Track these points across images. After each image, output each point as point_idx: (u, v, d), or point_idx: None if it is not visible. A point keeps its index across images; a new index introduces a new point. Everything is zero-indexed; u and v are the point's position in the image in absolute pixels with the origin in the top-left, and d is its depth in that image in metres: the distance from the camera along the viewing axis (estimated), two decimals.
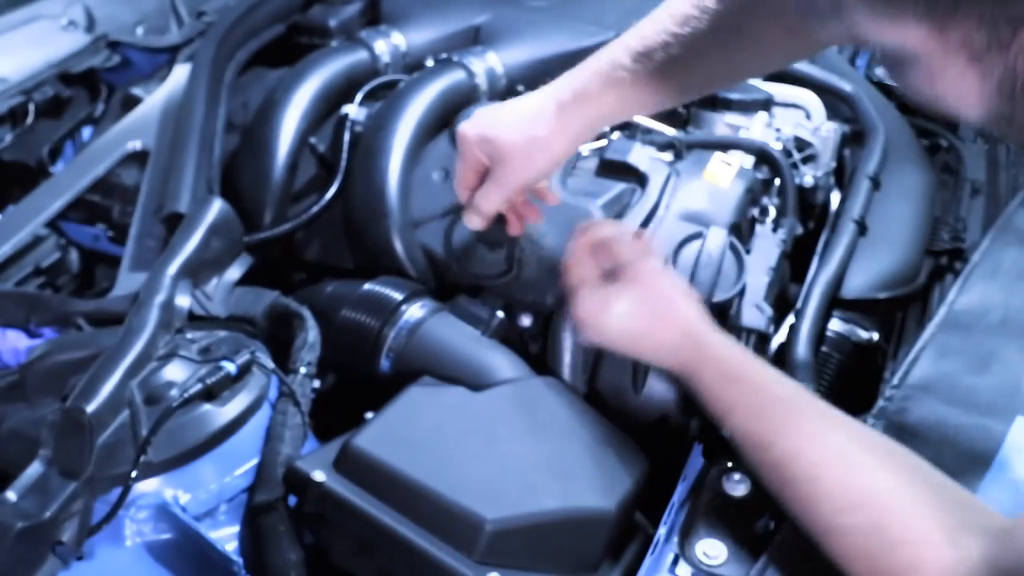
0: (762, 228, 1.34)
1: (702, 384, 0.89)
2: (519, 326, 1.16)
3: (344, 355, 1.10)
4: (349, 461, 0.90)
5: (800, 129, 1.52)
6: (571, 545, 0.89)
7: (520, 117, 1.01)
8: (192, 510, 0.89)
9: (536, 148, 0.99)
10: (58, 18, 1.59)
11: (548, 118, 0.99)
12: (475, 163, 1.03)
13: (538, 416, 0.98)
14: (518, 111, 1.02)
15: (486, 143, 1.01)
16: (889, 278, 1.32)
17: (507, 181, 1.01)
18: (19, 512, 0.78)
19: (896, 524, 0.71)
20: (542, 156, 1.00)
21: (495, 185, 1.02)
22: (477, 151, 1.01)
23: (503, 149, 1.00)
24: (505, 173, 1.01)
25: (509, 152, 1.00)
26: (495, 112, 1.03)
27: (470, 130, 1.02)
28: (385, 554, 0.86)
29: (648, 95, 0.98)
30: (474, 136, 1.01)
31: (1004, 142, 1.65)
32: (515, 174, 1.01)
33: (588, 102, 0.98)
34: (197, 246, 1.08)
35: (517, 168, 1.00)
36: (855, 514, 0.74)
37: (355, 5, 1.69)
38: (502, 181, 1.02)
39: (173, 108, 1.44)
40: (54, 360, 0.95)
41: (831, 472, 0.77)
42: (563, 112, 0.99)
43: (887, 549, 0.71)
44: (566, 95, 0.99)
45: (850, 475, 0.76)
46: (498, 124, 1.01)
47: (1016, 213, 1.27)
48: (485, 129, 1.01)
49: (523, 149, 0.99)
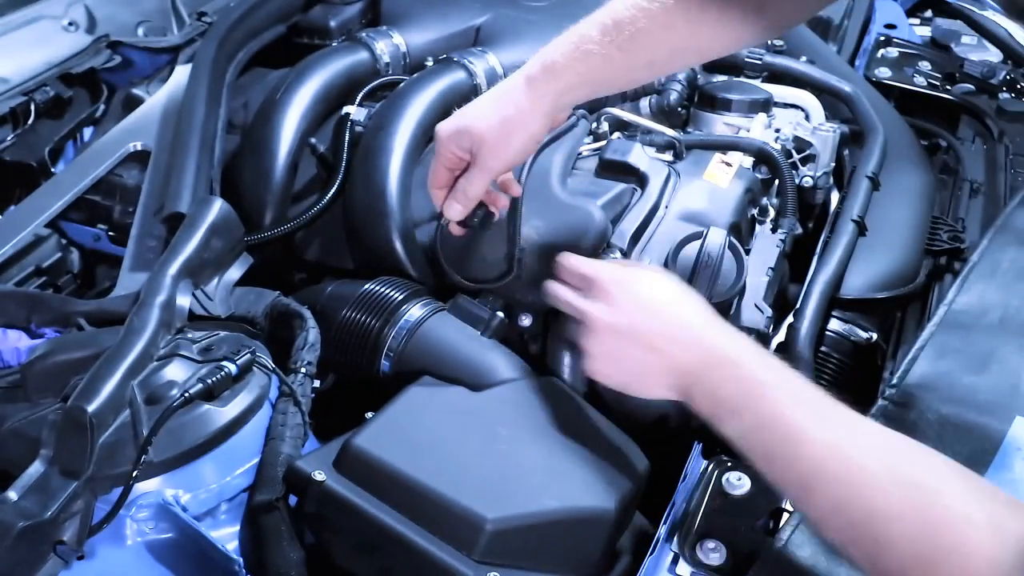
0: (761, 228, 1.34)
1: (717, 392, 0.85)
2: (519, 326, 1.16)
3: (344, 355, 1.10)
4: (349, 461, 0.90)
5: (799, 129, 1.52)
6: (571, 545, 0.90)
7: (492, 102, 1.03)
8: (193, 510, 0.89)
9: (511, 127, 1.01)
10: (59, 19, 1.59)
11: (519, 96, 1.00)
12: (450, 161, 1.05)
13: (538, 416, 0.99)
14: (489, 96, 1.04)
15: (462, 135, 1.02)
16: (888, 278, 1.32)
17: (489, 165, 1.03)
18: (20, 511, 0.78)
19: (939, 509, 0.70)
20: (519, 134, 1.02)
21: (478, 171, 1.04)
22: (453, 147, 1.03)
23: (479, 135, 1.01)
24: (486, 158, 1.03)
25: (485, 137, 1.01)
26: (468, 105, 1.05)
27: (444, 128, 1.04)
28: (385, 554, 0.86)
29: (616, 69, 1.00)
30: (448, 132, 1.03)
31: (1002, 142, 1.66)
32: (496, 157, 1.03)
33: (557, 75, 0.99)
34: (198, 246, 1.08)
35: (497, 150, 1.02)
36: (898, 502, 0.71)
37: (355, 5, 1.69)
38: (484, 166, 1.03)
39: (174, 108, 1.44)
40: (55, 360, 0.95)
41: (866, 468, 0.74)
42: (533, 87, 1.00)
43: (931, 535, 0.69)
44: (535, 69, 1.00)
45: (885, 468, 0.74)
46: (471, 114, 1.03)
47: (1015, 213, 1.27)
48: (458, 122, 1.03)
49: (499, 130, 1.01)
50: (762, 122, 1.47)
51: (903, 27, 2.08)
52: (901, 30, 2.06)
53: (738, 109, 1.48)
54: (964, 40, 2.02)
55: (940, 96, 1.81)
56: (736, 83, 1.56)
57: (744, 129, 1.46)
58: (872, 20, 2.12)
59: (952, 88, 1.82)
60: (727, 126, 1.48)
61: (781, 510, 0.91)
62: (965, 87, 1.82)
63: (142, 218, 1.29)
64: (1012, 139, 1.68)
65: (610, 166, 1.28)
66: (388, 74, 1.50)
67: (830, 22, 1.99)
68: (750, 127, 1.46)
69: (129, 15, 1.70)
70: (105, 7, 1.66)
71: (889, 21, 2.09)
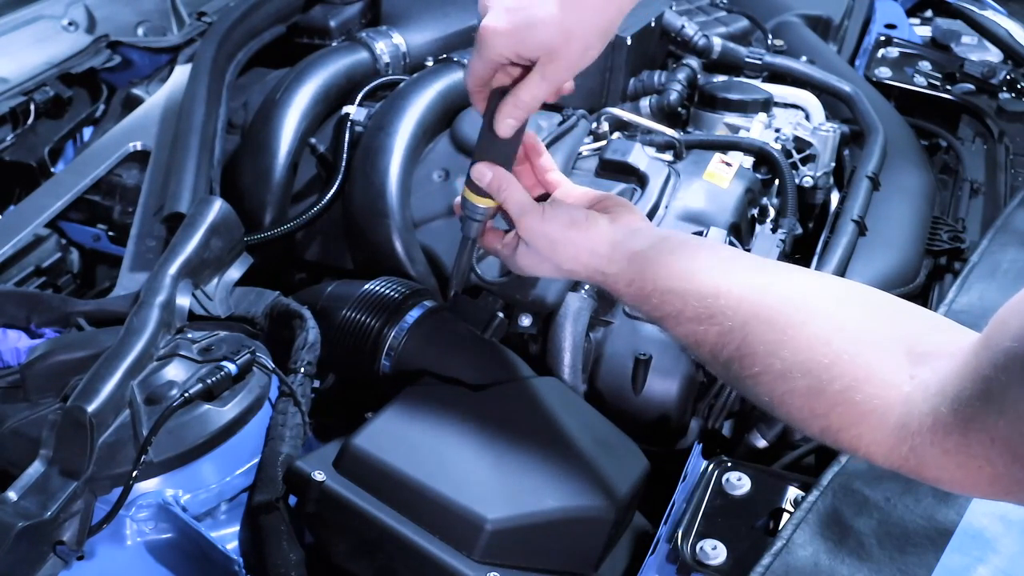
0: (761, 228, 1.34)
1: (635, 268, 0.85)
2: (519, 326, 1.16)
3: (344, 355, 1.10)
4: (349, 461, 0.90)
5: (800, 129, 1.52)
6: (571, 545, 0.89)
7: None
8: (192, 510, 0.89)
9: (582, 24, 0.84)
10: (59, 19, 1.59)
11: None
12: (496, 63, 0.88)
13: (538, 416, 0.98)
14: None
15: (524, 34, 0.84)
16: (888, 278, 1.32)
17: (557, 76, 0.87)
18: (20, 512, 0.78)
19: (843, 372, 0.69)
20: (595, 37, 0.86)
21: (540, 78, 0.87)
22: (507, 51, 0.86)
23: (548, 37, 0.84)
24: (558, 70, 0.87)
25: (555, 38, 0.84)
26: None
27: (499, 25, 0.84)
28: (385, 554, 0.86)
29: None
30: (506, 29, 0.84)
31: (1002, 142, 1.66)
32: (568, 69, 0.87)
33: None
34: (197, 246, 1.08)
35: (570, 60, 0.86)
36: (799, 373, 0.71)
37: (355, 5, 1.69)
38: (547, 74, 0.87)
39: (174, 108, 1.44)
40: (55, 360, 0.95)
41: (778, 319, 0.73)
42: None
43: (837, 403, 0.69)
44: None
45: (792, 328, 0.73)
46: (530, 11, 0.84)
47: (1015, 213, 1.27)
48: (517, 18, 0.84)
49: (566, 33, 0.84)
50: (762, 122, 1.48)
51: (903, 27, 2.08)
52: (901, 30, 2.06)
53: (738, 109, 1.48)
54: (964, 40, 2.02)
55: (940, 96, 1.81)
56: (736, 83, 1.56)
57: (744, 129, 1.46)
58: (872, 20, 2.12)
59: (952, 88, 1.82)
60: (727, 126, 1.48)
61: (781, 510, 0.91)
62: (965, 87, 1.82)
63: (142, 218, 1.29)
64: (1012, 139, 1.68)
65: (610, 166, 1.29)
66: (388, 74, 1.50)
67: (830, 22, 1.99)
68: (750, 127, 1.46)
69: (129, 15, 1.70)
70: (105, 7, 1.66)
71: (889, 21, 2.09)
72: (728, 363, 0.77)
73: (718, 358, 0.78)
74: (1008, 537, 0.84)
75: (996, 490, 0.62)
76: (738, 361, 0.76)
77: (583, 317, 1.14)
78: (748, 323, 0.75)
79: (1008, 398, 0.57)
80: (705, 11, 1.83)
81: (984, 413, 0.59)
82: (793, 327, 0.73)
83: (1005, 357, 0.57)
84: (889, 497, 0.87)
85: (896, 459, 0.66)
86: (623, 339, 1.16)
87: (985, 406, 0.59)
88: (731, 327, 0.76)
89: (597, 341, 1.17)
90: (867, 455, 0.69)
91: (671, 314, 0.82)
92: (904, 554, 0.82)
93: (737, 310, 0.76)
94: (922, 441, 0.63)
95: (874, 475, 0.88)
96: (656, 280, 0.83)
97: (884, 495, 0.87)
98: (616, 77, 1.49)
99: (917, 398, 0.65)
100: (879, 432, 0.67)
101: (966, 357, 0.62)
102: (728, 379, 0.79)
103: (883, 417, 0.66)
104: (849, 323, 0.72)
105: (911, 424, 0.64)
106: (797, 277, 0.80)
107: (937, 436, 0.62)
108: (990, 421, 0.58)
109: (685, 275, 0.82)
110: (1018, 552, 0.83)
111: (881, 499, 0.87)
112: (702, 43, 1.63)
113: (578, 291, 1.15)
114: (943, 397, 0.62)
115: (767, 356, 0.73)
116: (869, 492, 0.88)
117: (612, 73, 1.47)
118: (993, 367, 0.58)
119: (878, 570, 0.81)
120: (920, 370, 0.66)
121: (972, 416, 0.60)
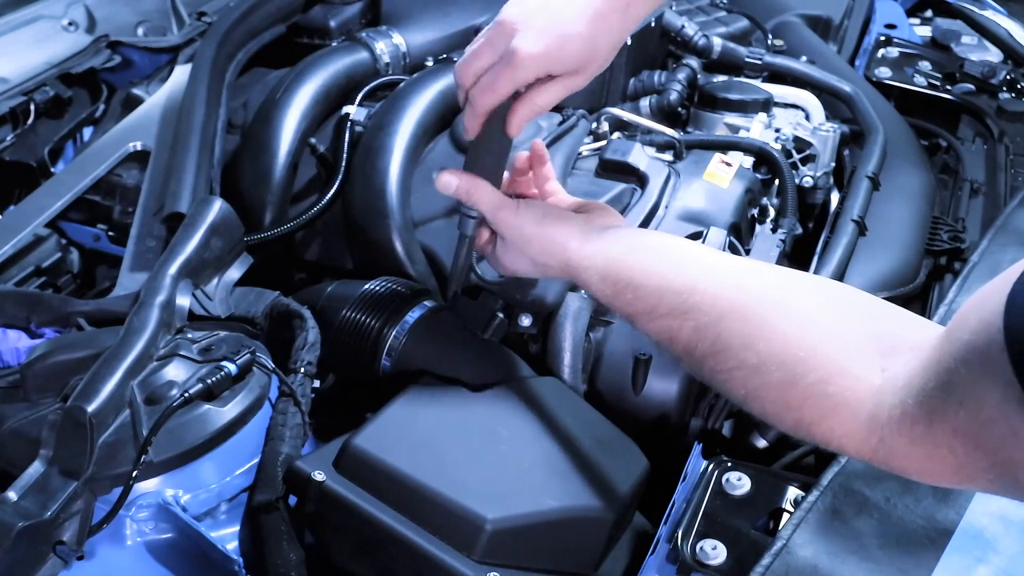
0: (761, 228, 1.34)
1: None
2: (519, 326, 1.16)
3: (344, 355, 1.10)
4: (349, 461, 0.90)
5: (799, 129, 1.52)
6: (571, 545, 0.90)
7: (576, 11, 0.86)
8: (192, 510, 0.89)
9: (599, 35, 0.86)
10: (59, 19, 1.59)
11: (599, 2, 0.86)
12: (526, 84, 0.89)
13: (538, 416, 0.98)
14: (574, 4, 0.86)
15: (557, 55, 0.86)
16: (888, 278, 1.32)
17: (576, 86, 0.90)
18: (20, 512, 0.78)
19: (816, 366, 0.70)
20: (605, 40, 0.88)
21: (563, 89, 0.89)
22: (540, 73, 0.87)
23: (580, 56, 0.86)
24: (577, 80, 0.89)
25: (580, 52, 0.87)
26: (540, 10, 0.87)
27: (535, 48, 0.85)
28: (385, 554, 0.86)
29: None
30: (541, 52, 0.85)
31: (1002, 142, 1.66)
32: (587, 80, 0.90)
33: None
34: (198, 246, 1.08)
35: (590, 73, 0.89)
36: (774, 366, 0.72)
37: (355, 5, 1.69)
38: (570, 84, 0.89)
39: (174, 108, 1.44)
40: (55, 360, 0.95)
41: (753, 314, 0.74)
42: None
43: (810, 396, 0.70)
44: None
45: (768, 323, 0.74)
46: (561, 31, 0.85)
47: (1015, 213, 1.27)
48: (549, 41, 0.85)
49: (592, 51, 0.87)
50: (762, 122, 1.48)
51: (903, 27, 2.08)
52: (901, 30, 2.06)
53: (738, 109, 1.48)
54: (964, 40, 2.02)
55: (940, 96, 1.81)
56: (736, 83, 1.56)
57: (744, 129, 1.46)
58: (872, 20, 2.12)
59: (952, 88, 1.82)
60: (727, 126, 1.48)
61: (781, 510, 0.91)
62: (965, 87, 1.82)
63: (142, 218, 1.29)
64: (1012, 139, 1.69)
65: (610, 166, 1.28)
66: (388, 74, 1.50)
67: (830, 22, 1.99)
68: (750, 127, 1.46)
69: (129, 15, 1.69)
70: (105, 7, 1.66)
71: (889, 21, 2.09)
72: (703, 359, 0.78)
73: (692, 354, 0.79)
74: (1008, 537, 0.84)
75: (960, 478, 0.64)
76: (712, 356, 0.77)
77: (583, 317, 1.14)
78: (723, 318, 0.76)
79: (967, 389, 0.58)
80: (705, 11, 1.84)
81: (946, 404, 0.60)
82: (768, 322, 0.74)
83: (964, 350, 0.58)
84: (889, 497, 0.87)
85: (867, 450, 0.68)
86: (623, 339, 1.16)
87: (947, 398, 0.60)
88: (707, 323, 0.77)
89: (597, 341, 1.16)
90: (840, 447, 0.70)
91: (645, 310, 0.82)
92: (904, 554, 0.82)
93: (713, 306, 0.77)
94: (891, 432, 0.65)
95: (874, 475, 0.88)
96: (631, 276, 0.84)
97: (884, 495, 0.87)
98: (616, 77, 1.49)
99: (887, 391, 0.66)
100: (851, 424, 0.68)
101: (931, 351, 0.63)
102: (702, 375, 0.80)
103: (855, 410, 0.68)
104: (823, 319, 0.73)
105: (881, 416, 0.66)
106: (772, 274, 0.81)
107: (904, 427, 0.64)
108: (951, 412, 0.60)
109: (660, 271, 0.83)
110: (1018, 552, 0.83)
111: (881, 499, 0.87)
112: (702, 43, 1.63)
113: (578, 291, 1.15)
114: (910, 390, 0.64)
115: (742, 350, 0.74)
116: (869, 492, 0.88)
117: (612, 73, 1.48)
118: (954, 360, 0.60)
119: (878, 570, 0.81)
120: (890, 364, 0.68)
121: (935, 407, 0.61)
